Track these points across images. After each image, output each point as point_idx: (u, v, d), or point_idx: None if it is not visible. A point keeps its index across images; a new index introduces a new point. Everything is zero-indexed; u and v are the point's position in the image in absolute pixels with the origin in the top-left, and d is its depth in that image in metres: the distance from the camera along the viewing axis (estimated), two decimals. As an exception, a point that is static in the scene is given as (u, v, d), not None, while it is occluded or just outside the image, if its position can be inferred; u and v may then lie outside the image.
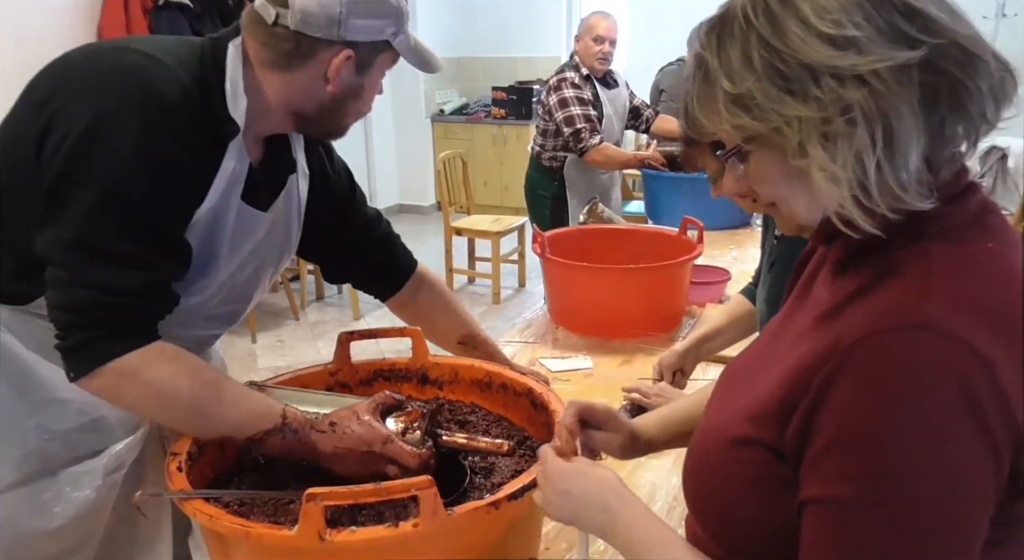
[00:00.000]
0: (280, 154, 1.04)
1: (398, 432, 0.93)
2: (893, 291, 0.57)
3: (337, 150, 1.18)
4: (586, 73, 2.97)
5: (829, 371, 0.55)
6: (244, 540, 0.78)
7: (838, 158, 0.56)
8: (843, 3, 0.56)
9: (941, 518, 0.53)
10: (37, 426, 0.93)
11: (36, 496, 0.93)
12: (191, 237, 0.93)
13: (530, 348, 1.74)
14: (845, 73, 0.55)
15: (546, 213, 3.09)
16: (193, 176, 0.90)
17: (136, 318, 0.88)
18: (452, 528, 0.79)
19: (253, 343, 3.83)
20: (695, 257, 1.79)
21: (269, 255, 1.08)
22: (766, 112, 0.57)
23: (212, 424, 0.92)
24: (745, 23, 0.58)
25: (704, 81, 0.61)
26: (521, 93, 5.97)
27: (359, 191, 1.20)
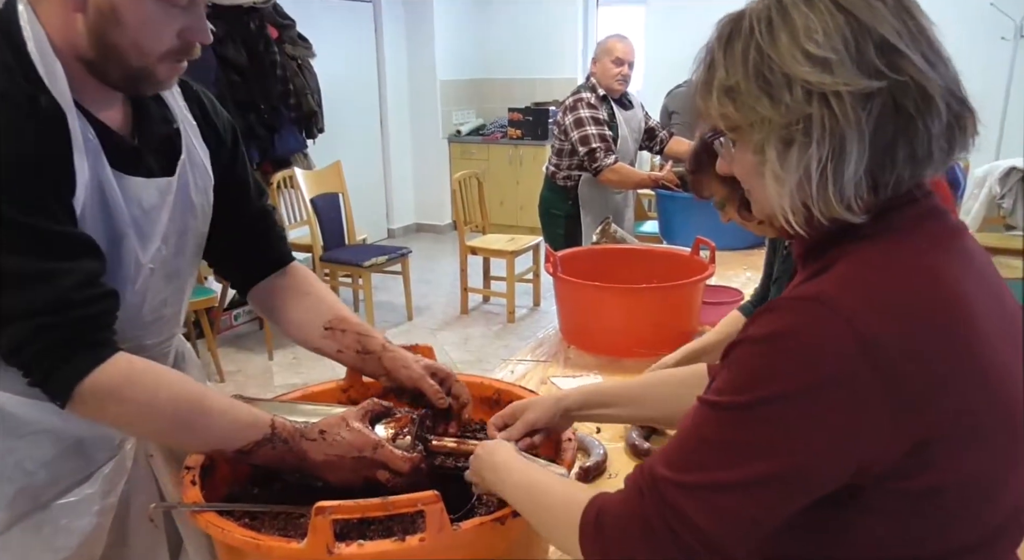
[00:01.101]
0: (150, 114, 0.97)
1: (388, 438, 0.94)
2: (820, 279, 0.64)
3: (356, 169, 1.17)
4: (602, 94, 3.00)
5: (742, 335, 0.65)
6: (255, 553, 0.80)
7: (787, 163, 0.63)
8: (829, 27, 0.62)
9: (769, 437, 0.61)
10: (16, 463, 0.91)
11: (35, 533, 0.92)
12: (89, 226, 0.87)
13: (542, 366, 1.74)
14: (813, 88, 0.61)
15: (560, 232, 3.11)
16: (43, 165, 0.83)
17: (81, 329, 0.83)
18: (458, 543, 0.80)
19: (270, 360, 3.86)
20: (707, 277, 1.79)
21: (186, 221, 1.01)
22: (746, 107, 0.64)
23: (197, 437, 0.91)
24: (750, 27, 0.65)
25: (708, 69, 0.68)
26: (537, 114, 6.02)
27: (251, 176, 1.13)
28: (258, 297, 1.16)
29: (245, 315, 4.32)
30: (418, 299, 4.62)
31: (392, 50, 5.98)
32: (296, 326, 1.14)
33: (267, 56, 3.97)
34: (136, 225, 0.93)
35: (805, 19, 0.62)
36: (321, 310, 1.13)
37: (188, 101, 1.03)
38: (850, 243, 0.65)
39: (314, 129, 4.35)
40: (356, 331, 1.10)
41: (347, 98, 5.38)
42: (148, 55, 0.86)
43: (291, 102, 4.12)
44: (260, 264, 1.15)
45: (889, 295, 0.61)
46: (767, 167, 0.64)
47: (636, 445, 1.34)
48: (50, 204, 0.83)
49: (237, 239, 1.12)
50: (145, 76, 0.88)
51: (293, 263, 1.17)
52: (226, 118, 1.10)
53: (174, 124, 0.99)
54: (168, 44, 0.87)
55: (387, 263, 4.19)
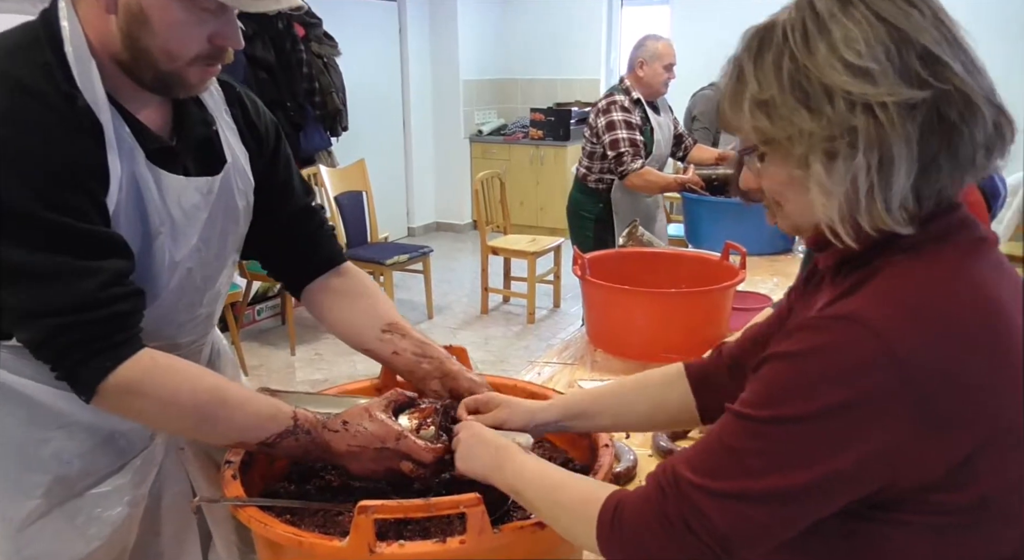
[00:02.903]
0: (189, 115, 0.97)
1: (412, 428, 0.93)
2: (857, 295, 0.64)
3: (378, 167, 1.17)
4: (636, 97, 2.99)
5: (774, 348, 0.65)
6: (296, 549, 0.81)
7: (834, 175, 0.62)
8: (870, 37, 0.61)
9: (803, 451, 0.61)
10: (53, 453, 0.92)
11: (70, 522, 0.93)
12: (123, 224, 0.89)
13: (568, 369, 1.74)
14: (856, 99, 0.60)
15: (588, 235, 3.11)
16: (75, 164, 0.84)
17: (106, 327, 0.84)
18: (497, 545, 0.80)
19: (292, 356, 3.89)
20: (738, 283, 1.78)
21: (227, 225, 1.02)
22: (783, 120, 0.63)
23: (219, 430, 0.91)
24: (783, 38, 0.64)
25: (737, 81, 0.67)
26: (559, 114, 6.02)
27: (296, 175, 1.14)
28: (311, 298, 1.16)
29: (268, 310, 4.36)
30: (438, 298, 4.63)
31: (416, 49, 6.00)
32: (350, 326, 1.14)
33: (294, 54, 4.01)
34: (172, 224, 0.94)
35: (844, 29, 0.61)
36: (378, 313, 1.13)
37: (230, 103, 1.04)
38: (888, 254, 0.64)
39: (338, 127, 4.38)
40: (418, 338, 1.12)
41: (371, 97, 5.41)
42: (177, 59, 0.87)
43: (316, 100, 4.15)
44: (311, 264, 1.15)
45: (929, 311, 0.61)
46: (812, 180, 0.63)
47: (664, 448, 1.34)
48: (81, 203, 0.84)
49: (285, 239, 1.13)
50: (176, 80, 0.89)
51: (346, 263, 1.17)
52: (269, 118, 1.10)
53: (213, 126, 1.00)
54: (198, 49, 0.87)
55: (408, 261, 4.21)
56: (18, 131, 0.81)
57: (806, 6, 0.64)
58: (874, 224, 0.63)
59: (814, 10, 0.64)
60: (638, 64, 2.99)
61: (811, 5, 0.64)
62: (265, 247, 1.13)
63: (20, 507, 0.90)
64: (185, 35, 0.85)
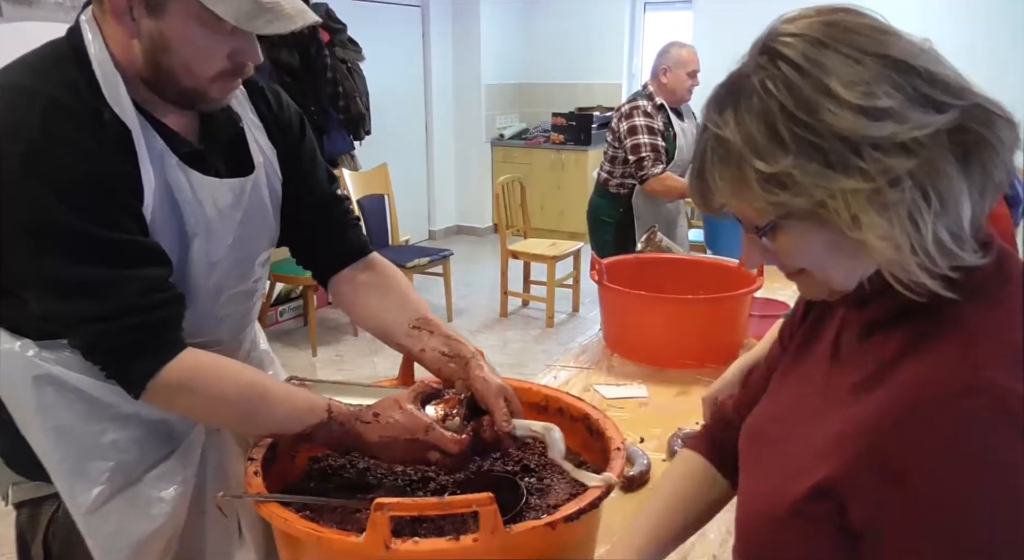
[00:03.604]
0: (215, 117, 0.99)
1: (438, 419, 0.97)
2: (936, 358, 0.58)
3: (400, 171, 1.18)
4: (660, 103, 2.99)
5: (884, 453, 0.56)
6: (315, 544, 0.83)
7: (895, 225, 0.56)
8: (870, 74, 0.56)
9: None
10: (111, 442, 0.97)
11: (132, 504, 0.98)
12: (159, 229, 0.92)
13: (584, 373, 1.76)
14: (886, 142, 0.55)
15: (608, 239, 3.12)
16: (109, 178, 0.87)
17: (150, 331, 0.89)
18: (509, 545, 0.81)
19: (314, 357, 3.94)
20: (755, 290, 1.79)
21: (260, 223, 1.05)
22: (807, 188, 0.57)
23: (260, 423, 0.96)
24: (765, 96, 0.57)
25: (727, 160, 0.60)
26: (580, 119, 6.03)
27: (321, 165, 1.15)
28: (339, 289, 1.17)
29: (291, 311, 4.41)
30: (458, 301, 4.66)
31: (439, 54, 6.06)
32: (378, 322, 1.16)
33: (318, 59, 4.07)
34: (207, 225, 0.98)
35: (837, 73, 0.56)
36: (407, 308, 1.14)
37: (253, 100, 1.06)
38: (949, 308, 0.58)
39: (362, 131, 4.44)
40: (445, 334, 1.12)
41: (394, 101, 5.46)
42: (199, 77, 0.90)
43: (340, 104, 4.21)
44: (337, 253, 1.16)
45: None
46: (872, 237, 0.56)
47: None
48: (117, 215, 0.88)
49: (311, 227, 1.14)
50: (199, 95, 0.92)
51: (373, 254, 1.18)
52: (292, 108, 1.12)
53: (239, 125, 1.03)
54: (219, 66, 0.90)
55: (429, 264, 4.25)
56: (53, 149, 0.84)
57: (775, 58, 0.58)
58: (949, 262, 0.57)
59: (788, 61, 0.58)
60: (661, 71, 2.99)
61: (781, 56, 0.58)
62: (291, 236, 1.14)
63: (88, 493, 0.96)
64: (205, 55, 0.88)
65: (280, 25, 0.86)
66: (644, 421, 1.51)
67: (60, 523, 1.01)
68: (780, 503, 0.64)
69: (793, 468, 0.64)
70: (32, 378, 0.94)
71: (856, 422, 0.59)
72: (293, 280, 4.02)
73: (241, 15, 0.84)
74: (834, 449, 0.60)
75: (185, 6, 0.84)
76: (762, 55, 0.60)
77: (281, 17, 0.86)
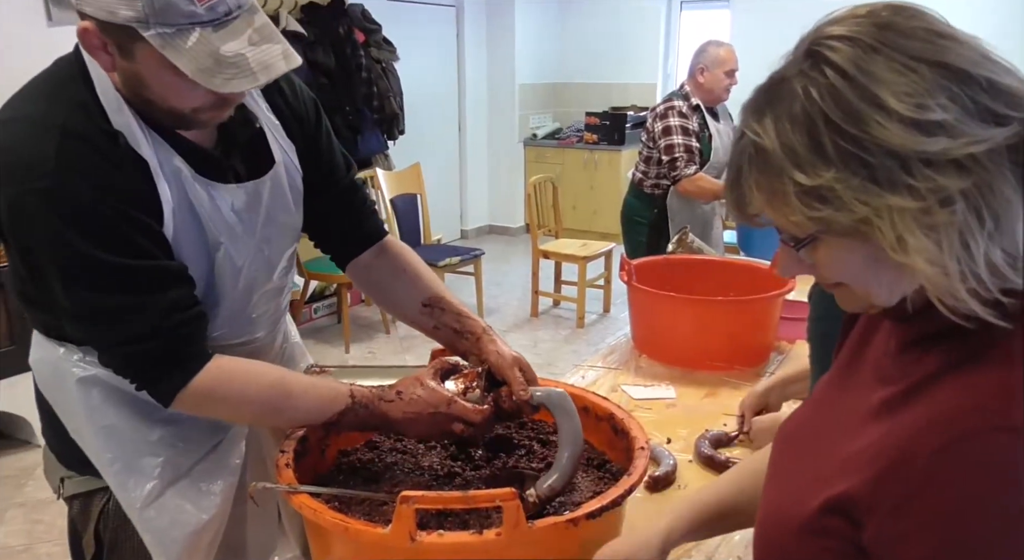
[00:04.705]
0: (231, 120, 0.98)
1: (459, 392, 1.00)
2: (974, 385, 0.55)
3: (433, 170, 1.18)
4: (696, 103, 2.97)
5: (909, 480, 0.54)
6: (343, 535, 0.85)
7: (944, 248, 0.52)
8: (925, 85, 0.52)
9: None
10: (159, 438, 1.01)
11: (184, 497, 1.02)
12: (184, 245, 0.94)
13: (612, 373, 1.76)
14: (938, 159, 0.51)
15: (642, 240, 3.10)
16: (127, 204, 0.88)
17: (174, 350, 0.92)
18: (532, 540, 0.83)
19: (346, 353, 4.00)
20: (787, 292, 1.77)
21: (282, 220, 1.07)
22: (850, 203, 0.53)
23: (288, 418, 1.00)
24: (808, 104, 0.54)
25: (765, 169, 0.57)
26: (614, 119, 6.01)
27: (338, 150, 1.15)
28: (357, 273, 1.20)
29: (324, 309, 4.49)
30: (489, 300, 4.68)
31: (473, 54, 6.09)
32: (394, 301, 1.20)
33: (354, 59, 4.13)
34: (230, 232, 0.99)
35: (888, 83, 0.52)
36: (419, 286, 1.17)
37: (268, 95, 1.05)
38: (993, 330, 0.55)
39: (395, 131, 4.49)
40: (456, 312, 1.14)
41: (427, 101, 5.51)
42: (181, 110, 0.90)
43: (374, 104, 4.26)
44: (354, 238, 1.18)
45: None
46: (919, 259, 0.52)
47: (706, 455, 1.35)
48: (138, 240, 0.90)
49: (329, 215, 1.16)
50: (187, 122, 0.93)
51: (388, 237, 1.20)
52: (307, 95, 1.12)
53: (256, 124, 1.03)
54: (198, 101, 0.89)
55: (460, 264, 4.28)
56: (71, 183, 0.86)
57: (820, 62, 0.55)
58: (1000, 285, 0.53)
59: (835, 67, 0.54)
60: (699, 70, 2.96)
61: (827, 61, 0.54)
62: (311, 223, 1.16)
63: (141, 488, 1.00)
64: (181, 93, 0.87)
65: (240, 83, 0.83)
66: (671, 422, 1.51)
67: (111, 515, 1.05)
68: (795, 513, 0.63)
69: (814, 479, 0.63)
70: (77, 381, 0.98)
71: (883, 439, 0.57)
72: (327, 278, 4.08)
73: (199, 71, 0.82)
74: (857, 464, 0.58)
75: (152, 53, 0.83)
76: (806, 59, 0.56)
77: (244, 74, 0.83)
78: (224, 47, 0.82)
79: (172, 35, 0.81)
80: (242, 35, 0.84)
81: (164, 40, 0.81)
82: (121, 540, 1.05)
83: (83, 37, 0.85)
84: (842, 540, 0.59)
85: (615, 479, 1.01)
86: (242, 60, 0.83)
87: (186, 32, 0.81)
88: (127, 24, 0.81)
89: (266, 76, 0.85)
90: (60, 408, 1.02)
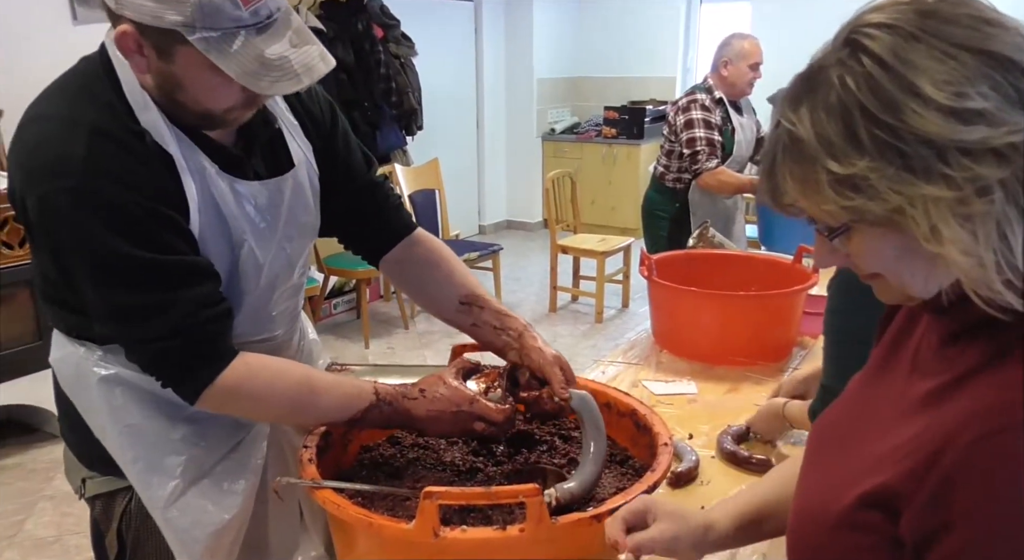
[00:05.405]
0: (251, 120, 0.99)
1: (480, 391, 1.01)
2: (1011, 377, 0.54)
3: (451, 165, 1.17)
4: (719, 97, 2.94)
5: (948, 469, 0.53)
6: (367, 529, 0.86)
7: (979, 239, 0.51)
8: (966, 73, 0.51)
9: None
10: (182, 437, 1.01)
11: (206, 497, 1.02)
12: (210, 242, 0.94)
13: (633, 369, 1.75)
14: (976, 148, 0.51)
15: (662, 234, 3.08)
16: (155, 201, 0.89)
17: (201, 347, 0.92)
18: (555, 536, 0.83)
19: (366, 349, 4.02)
20: (810, 287, 1.75)
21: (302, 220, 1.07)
22: (884, 193, 0.53)
23: (313, 415, 1.00)
24: (844, 93, 0.54)
25: (800, 158, 0.56)
26: (633, 113, 5.97)
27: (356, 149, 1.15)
28: (390, 270, 1.20)
29: (344, 305, 4.51)
30: (507, 296, 4.68)
31: (491, 48, 6.08)
32: (428, 298, 1.19)
33: (372, 55, 4.13)
34: (254, 228, 1.00)
35: (927, 71, 0.51)
36: (453, 283, 1.16)
37: (285, 94, 1.04)
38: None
39: (414, 126, 4.49)
40: (495, 309, 1.14)
41: (446, 96, 5.51)
42: (213, 111, 0.91)
43: (393, 100, 4.27)
44: (383, 236, 1.18)
45: None
46: (953, 251, 0.52)
47: (729, 450, 1.34)
48: (165, 236, 0.90)
49: (354, 214, 1.16)
50: (216, 122, 0.94)
51: (418, 231, 1.19)
52: (322, 97, 1.13)
53: (275, 125, 1.04)
54: (232, 101, 0.90)
55: (479, 259, 4.28)
56: (100, 181, 0.86)
57: (858, 51, 0.54)
58: None
59: (873, 55, 0.53)
60: (722, 63, 2.93)
61: (864, 49, 0.54)
62: (337, 224, 1.16)
63: (164, 487, 1.00)
64: (217, 94, 0.89)
65: (285, 85, 0.85)
66: (693, 418, 1.50)
67: (133, 515, 1.06)
68: (830, 508, 0.63)
69: (850, 473, 0.63)
70: (99, 380, 0.99)
71: (923, 432, 0.57)
72: (346, 274, 4.10)
73: (245, 73, 0.83)
74: (896, 457, 0.58)
75: (193, 55, 0.84)
76: (844, 47, 0.55)
77: (288, 76, 0.85)
78: (268, 50, 0.84)
79: (218, 39, 0.82)
80: (283, 37, 0.85)
81: (209, 44, 0.82)
82: (143, 539, 1.06)
83: (120, 40, 0.85)
84: (877, 534, 0.59)
85: (638, 475, 1.01)
86: (285, 62, 0.85)
87: (231, 36, 0.83)
88: (173, 28, 0.82)
89: (309, 78, 0.86)
90: (83, 407, 1.03)
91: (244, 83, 0.84)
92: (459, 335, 1.17)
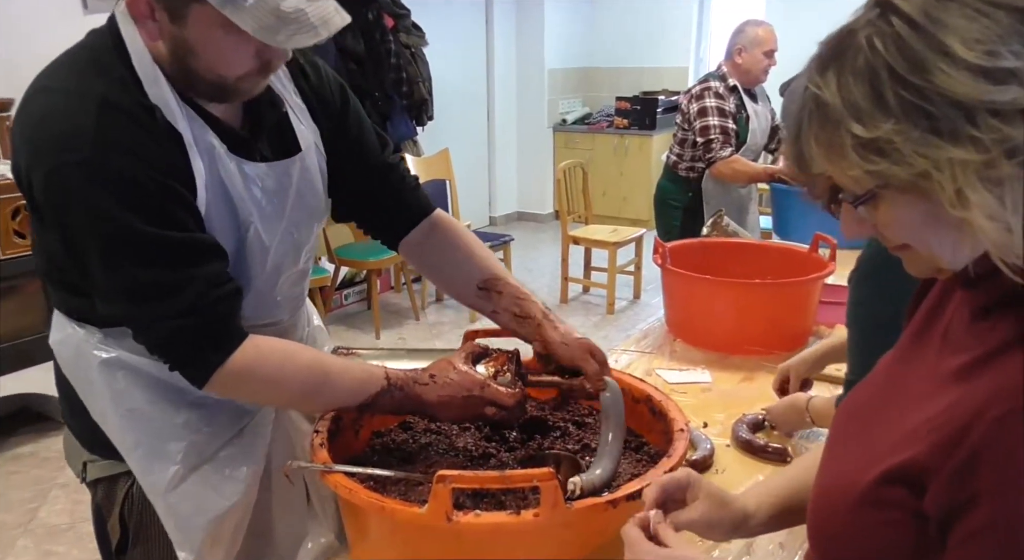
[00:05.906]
0: (258, 101, 0.98)
1: (490, 376, 1.00)
2: None
3: (462, 156, 1.15)
4: (732, 85, 2.91)
5: (976, 444, 0.52)
6: (379, 514, 0.85)
7: (1007, 203, 0.50)
8: (999, 30, 0.50)
9: None
10: (184, 423, 1.00)
11: (206, 483, 1.01)
12: (215, 222, 0.93)
13: (646, 358, 1.74)
14: (1007, 108, 0.49)
15: (675, 224, 3.06)
16: (165, 176, 0.88)
17: (212, 327, 0.90)
18: (570, 521, 0.81)
19: (377, 339, 4.02)
20: (826, 276, 1.72)
21: (310, 204, 1.06)
22: (909, 156, 0.52)
23: (324, 400, 0.99)
24: (872, 55, 0.52)
25: (825, 123, 0.55)
26: (645, 103, 5.93)
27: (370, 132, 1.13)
28: (410, 253, 1.17)
29: (355, 295, 4.51)
30: (518, 286, 4.67)
31: (502, 38, 6.04)
32: (448, 283, 1.18)
33: (383, 45, 4.11)
34: (260, 211, 0.98)
35: (956, 30, 0.50)
36: (472, 266, 1.14)
37: (293, 76, 1.04)
38: None
39: (424, 117, 4.47)
40: (514, 295, 1.12)
41: (456, 86, 5.49)
42: (226, 78, 0.89)
43: (404, 90, 4.25)
44: (400, 219, 1.16)
45: None
46: (979, 216, 0.51)
47: (744, 439, 1.32)
48: (176, 213, 0.89)
49: (369, 198, 1.14)
50: (227, 92, 0.92)
51: (437, 212, 1.17)
52: (333, 79, 1.10)
53: (282, 108, 1.02)
54: (246, 67, 0.89)
55: (490, 250, 4.26)
56: (110, 154, 0.85)
57: (889, 11, 0.53)
58: None
59: (903, 15, 0.52)
60: (736, 51, 2.89)
61: (895, 9, 0.53)
62: (353, 208, 1.14)
63: (164, 473, 0.98)
64: (230, 58, 0.88)
65: (303, 38, 0.84)
66: (707, 406, 1.48)
67: (135, 499, 1.04)
68: (853, 486, 0.62)
69: (875, 451, 0.62)
70: (100, 363, 0.97)
71: (952, 407, 0.56)
72: (357, 264, 4.10)
73: (262, 28, 0.82)
74: (923, 432, 0.57)
75: (207, 15, 0.83)
76: (874, 8, 0.54)
77: (305, 29, 0.84)
78: (284, 3, 0.82)
79: None
80: None
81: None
82: (146, 524, 1.04)
83: (132, 5, 0.85)
84: (901, 510, 0.58)
85: (653, 462, 0.99)
86: (302, 15, 0.83)
87: None
88: None
89: (327, 30, 0.85)
90: (83, 391, 1.01)
91: (260, 38, 0.83)
92: (469, 325, 1.15)
